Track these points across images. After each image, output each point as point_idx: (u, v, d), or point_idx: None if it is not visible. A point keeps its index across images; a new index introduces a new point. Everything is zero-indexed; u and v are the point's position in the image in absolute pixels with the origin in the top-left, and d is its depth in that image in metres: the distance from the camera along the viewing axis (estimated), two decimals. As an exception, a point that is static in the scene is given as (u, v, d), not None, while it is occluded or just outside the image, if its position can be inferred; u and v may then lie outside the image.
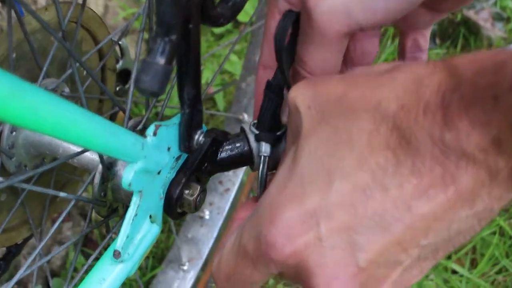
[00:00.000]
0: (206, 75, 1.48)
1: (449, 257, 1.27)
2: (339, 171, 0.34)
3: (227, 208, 1.18)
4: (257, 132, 0.52)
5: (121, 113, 1.01)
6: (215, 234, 1.17)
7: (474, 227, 0.34)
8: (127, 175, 0.47)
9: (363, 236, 0.34)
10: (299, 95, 0.38)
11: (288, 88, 0.46)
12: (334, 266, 0.35)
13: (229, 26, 1.57)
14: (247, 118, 1.14)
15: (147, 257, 1.24)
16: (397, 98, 0.33)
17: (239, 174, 1.19)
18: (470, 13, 1.59)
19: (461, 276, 1.24)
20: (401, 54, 0.54)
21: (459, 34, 1.58)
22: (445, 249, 0.36)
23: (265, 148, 0.51)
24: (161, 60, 0.41)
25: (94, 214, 0.61)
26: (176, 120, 0.51)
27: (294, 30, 0.44)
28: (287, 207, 0.36)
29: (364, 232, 0.34)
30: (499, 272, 1.26)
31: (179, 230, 1.20)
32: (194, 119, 0.51)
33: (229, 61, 1.51)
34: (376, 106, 0.34)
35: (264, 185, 0.50)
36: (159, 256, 1.25)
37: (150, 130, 0.48)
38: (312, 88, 0.38)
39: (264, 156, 0.51)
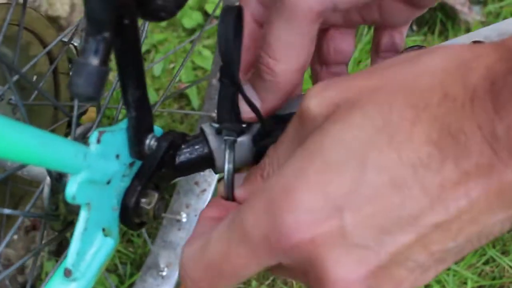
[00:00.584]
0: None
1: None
2: (375, 161, 0.31)
3: (204, 209, 1.14)
4: (217, 126, 0.49)
5: (90, 114, 0.97)
6: (193, 237, 1.13)
7: (499, 230, 0.32)
8: (70, 188, 0.44)
9: (390, 235, 0.31)
10: (318, 100, 0.34)
11: (238, 89, 0.43)
12: (354, 264, 0.31)
13: (200, 20, 1.53)
14: (220, 115, 1.10)
15: (125, 264, 1.20)
16: (440, 86, 0.30)
17: (215, 174, 1.15)
18: (447, -3, 1.56)
19: (448, 269, 1.21)
20: (375, 52, 0.51)
21: (436, 19, 1.55)
22: (465, 252, 0.33)
23: (228, 141, 0.48)
24: (95, 61, 0.38)
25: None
26: (123, 124, 0.47)
27: (237, 26, 0.41)
28: (307, 193, 0.32)
29: (392, 231, 0.31)
30: (486, 263, 1.24)
31: (156, 234, 1.16)
32: (142, 123, 0.47)
33: (202, 56, 1.47)
34: (417, 95, 0.31)
35: (231, 181, 0.47)
36: (137, 263, 1.21)
37: (93, 137, 0.44)
38: (334, 88, 0.34)
39: (228, 151, 0.48)
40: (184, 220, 1.13)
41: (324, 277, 0.32)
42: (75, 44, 0.70)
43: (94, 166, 0.44)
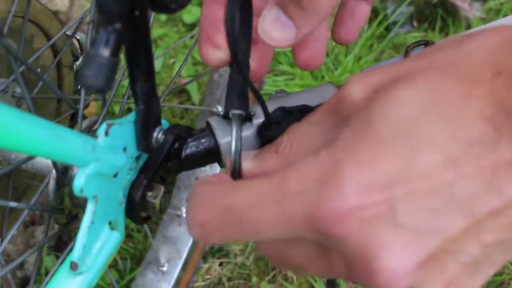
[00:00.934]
0: (178, 67, 1.43)
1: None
2: (427, 138, 0.30)
3: (205, 204, 1.14)
4: (222, 112, 0.49)
5: (90, 109, 0.96)
6: (193, 232, 1.13)
7: None
8: (78, 180, 0.43)
9: (443, 218, 0.30)
10: (360, 86, 0.33)
11: (245, 79, 0.43)
12: (403, 249, 0.30)
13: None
14: (221, 110, 1.10)
15: (125, 259, 1.20)
16: (493, 62, 0.30)
17: (216, 169, 1.15)
18: (447, -6, 1.56)
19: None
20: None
21: (437, 15, 1.55)
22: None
23: (235, 115, 0.47)
24: (105, 52, 0.37)
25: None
26: (131, 117, 0.47)
27: (245, 11, 0.41)
28: (357, 170, 0.30)
29: (445, 214, 0.29)
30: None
31: (157, 229, 1.16)
32: (150, 116, 0.47)
33: (202, 52, 1.46)
34: (469, 71, 0.30)
35: (239, 157, 0.45)
36: (137, 258, 1.21)
37: (101, 129, 0.44)
38: (378, 73, 0.33)
39: (236, 126, 0.47)
40: (184, 215, 1.13)
41: (370, 263, 0.30)
42: (78, 37, 0.70)
43: (102, 159, 0.44)
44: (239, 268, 1.21)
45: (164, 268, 1.10)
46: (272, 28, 0.44)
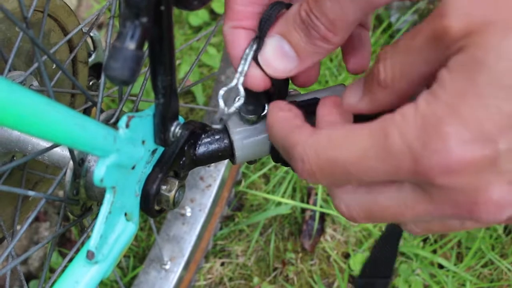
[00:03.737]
0: (184, 68, 1.44)
1: (434, 252, 1.25)
2: None
3: (209, 204, 1.15)
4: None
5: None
6: (197, 231, 1.14)
7: None
8: (99, 170, 0.44)
9: None
10: (462, 17, 0.32)
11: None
12: (505, 185, 0.32)
13: (206, 18, 1.54)
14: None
15: (128, 257, 1.21)
16: None
17: (220, 169, 1.16)
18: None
19: (448, 270, 1.23)
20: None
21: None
22: None
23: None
24: (131, 45, 0.38)
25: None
26: (150, 111, 0.48)
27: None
28: (461, 127, 0.31)
29: None
30: (484, 265, 1.25)
31: (160, 228, 1.17)
32: (169, 110, 0.48)
33: (208, 54, 1.47)
34: None
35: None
36: (140, 255, 1.21)
37: (122, 122, 0.45)
38: (482, 4, 0.32)
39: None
40: (188, 214, 1.14)
41: (476, 197, 0.32)
42: (91, 35, 0.71)
43: (122, 150, 0.45)
44: (241, 268, 1.22)
45: (167, 266, 1.11)
46: (274, 58, 0.44)
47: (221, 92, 0.49)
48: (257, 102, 0.51)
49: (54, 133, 0.38)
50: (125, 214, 0.50)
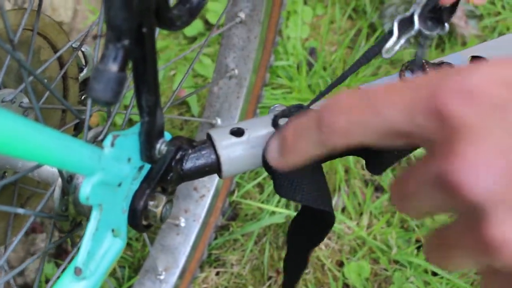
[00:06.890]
0: (178, 78, 1.45)
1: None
2: None
3: (203, 215, 1.16)
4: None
5: (93, 118, 0.98)
6: (191, 242, 1.14)
7: None
8: (84, 189, 0.45)
9: None
10: (491, 78, 0.32)
11: None
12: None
13: (201, 28, 1.55)
14: (220, 123, 1.12)
15: (123, 267, 1.21)
16: None
17: (214, 180, 1.16)
18: (444, 10, 1.58)
19: (441, 277, 1.23)
20: None
21: (433, 31, 1.57)
22: None
23: None
24: (114, 67, 0.39)
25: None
26: (135, 129, 0.49)
27: None
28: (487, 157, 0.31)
29: None
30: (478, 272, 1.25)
31: (155, 238, 1.17)
32: (154, 128, 0.48)
33: (202, 64, 1.48)
34: None
35: None
36: (135, 266, 1.22)
37: (108, 141, 0.46)
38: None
39: None
40: (182, 225, 1.15)
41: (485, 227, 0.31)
42: (83, 50, 0.72)
43: (107, 169, 0.46)
44: (235, 277, 1.23)
45: (162, 277, 1.12)
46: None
47: (396, 22, 0.56)
48: (439, 17, 0.55)
49: (39, 155, 0.39)
50: (113, 230, 0.51)
